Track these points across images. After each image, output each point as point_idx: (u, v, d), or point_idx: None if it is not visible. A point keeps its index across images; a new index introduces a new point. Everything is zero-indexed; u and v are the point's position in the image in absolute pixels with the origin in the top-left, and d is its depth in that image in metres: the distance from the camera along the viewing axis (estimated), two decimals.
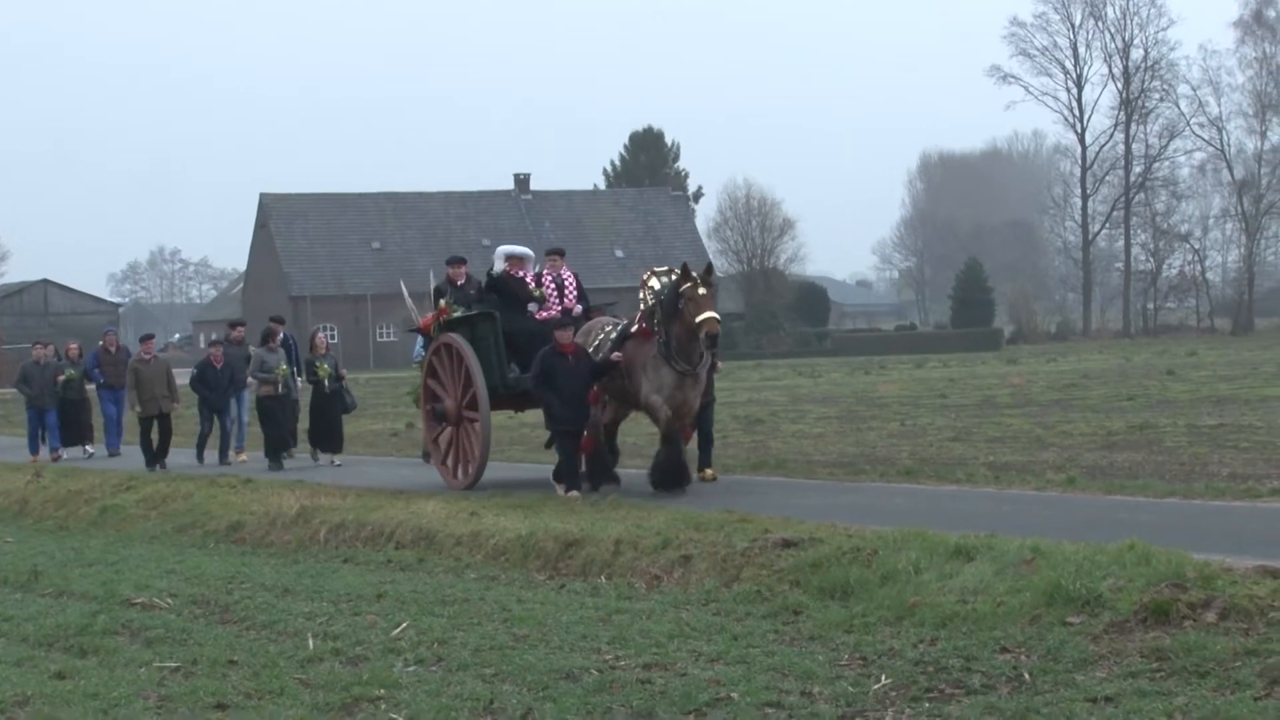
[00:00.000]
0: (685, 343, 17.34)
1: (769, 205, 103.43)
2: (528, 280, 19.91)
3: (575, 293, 19.96)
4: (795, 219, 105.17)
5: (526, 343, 19.14)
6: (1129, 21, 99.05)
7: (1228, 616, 9.78)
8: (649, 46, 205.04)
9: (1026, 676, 9.34)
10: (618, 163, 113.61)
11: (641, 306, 18.02)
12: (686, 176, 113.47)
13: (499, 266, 20.19)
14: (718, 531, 14.00)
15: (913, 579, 11.77)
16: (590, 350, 18.17)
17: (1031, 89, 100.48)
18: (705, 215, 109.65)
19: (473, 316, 19.69)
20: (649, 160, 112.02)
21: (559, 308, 19.56)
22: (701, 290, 17.21)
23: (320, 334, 25.89)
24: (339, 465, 24.48)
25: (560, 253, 20.74)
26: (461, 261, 20.93)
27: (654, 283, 18.00)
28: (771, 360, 79.97)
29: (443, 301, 20.17)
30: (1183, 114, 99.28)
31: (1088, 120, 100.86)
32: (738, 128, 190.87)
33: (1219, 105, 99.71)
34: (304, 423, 25.72)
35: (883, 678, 9.55)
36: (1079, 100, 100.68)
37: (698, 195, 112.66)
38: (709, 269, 17.87)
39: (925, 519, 14.30)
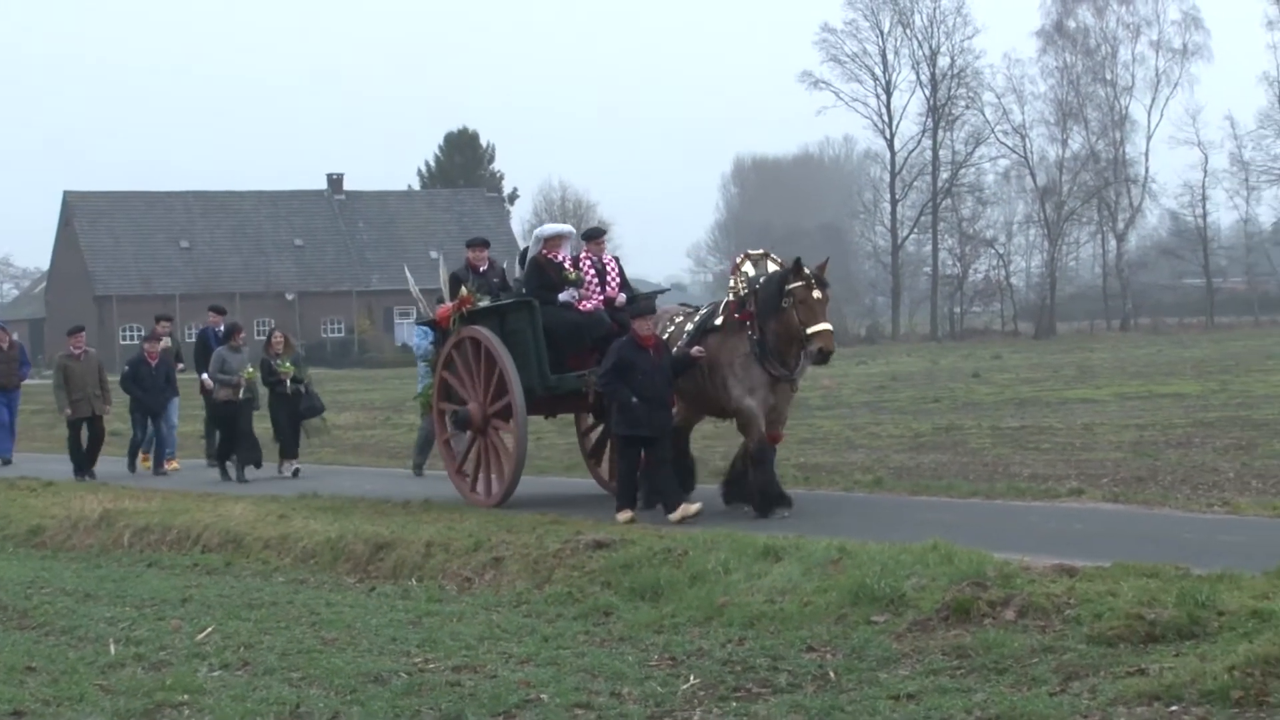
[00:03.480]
0: (784, 346, 14.99)
1: (584, 207, 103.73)
2: (565, 264, 17.12)
3: (617, 280, 17.24)
4: (610, 221, 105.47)
5: (565, 337, 16.64)
6: (936, 30, 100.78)
7: (1026, 614, 10.01)
8: (464, 47, 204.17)
9: (832, 675, 9.47)
10: (432, 164, 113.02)
11: (730, 295, 15.51)
12: (502, 178, 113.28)
13: (535, 249, 17.37)
14: (530, 533, 14.01)
15: (722, 579, 11.87)
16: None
17: (842, 95, 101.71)
18: (521, 217, 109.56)
19: (504, 306, 16.97)
20: (464, 161, 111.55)
21: (600, 297, 16.93)
22: (816, 293, 14.75)
23: (278, 331, 23.26)
24: (298, 473, 21.96)
25: (601, 234, 18.13)
26: (484, 244, 18.39)
27: (749, 268, 15.51)
28: None
29: (464, 289, 17.26)
30: (988, 121, 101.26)
31: (896, 126, 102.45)
32: (554, 130, 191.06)
33: (1022, 113, 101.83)
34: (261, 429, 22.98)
35: (691, 677, 9.61)
36: (888, 107, 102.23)
37: (513, 197, 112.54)
38: (824, 266, 15.18)
39: (733, 520, 14.47)
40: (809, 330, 14.60)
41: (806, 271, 14.82)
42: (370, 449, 27.55)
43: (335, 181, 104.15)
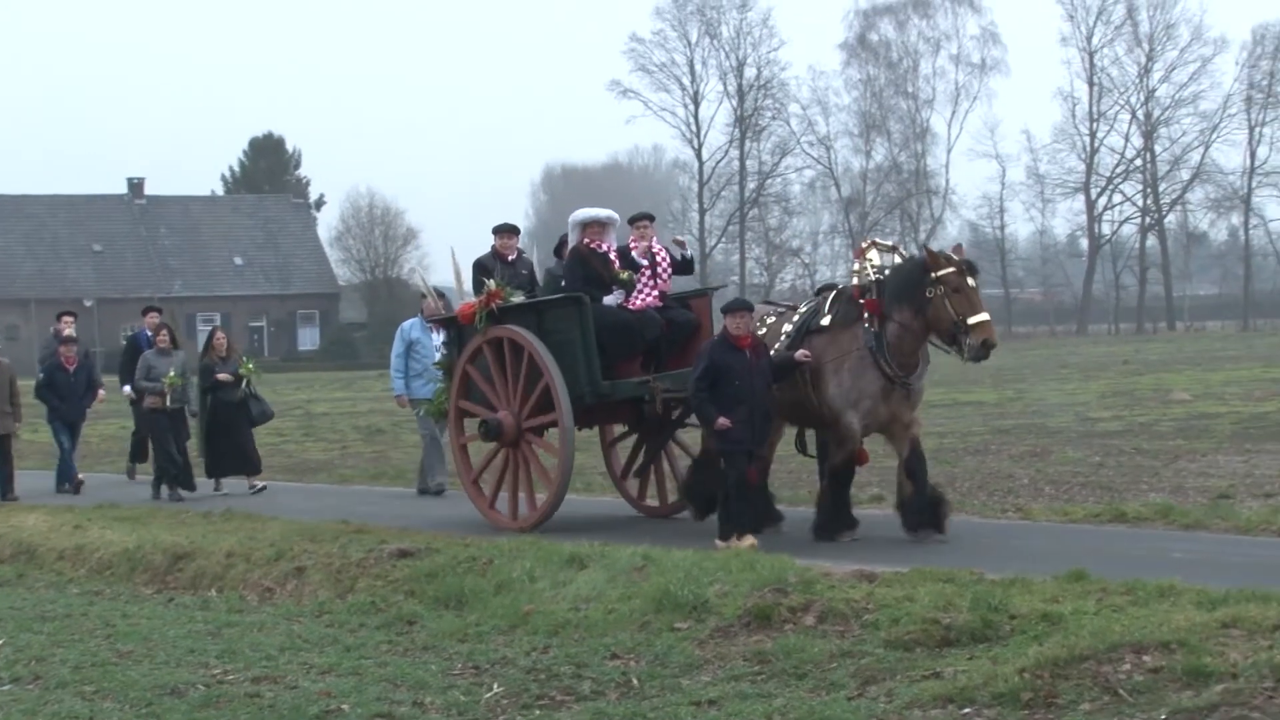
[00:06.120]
0: (908, 343, 13.25)
1: (392, 214, 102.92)
2: (611, 255, 15.01)
3: (669, 271, 15.26)
4: (419, 229, 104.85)
5: (613, 338, 14.67)
6: (743, 41, 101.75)
7: (825, 619, 10.16)
8: (270, 49, 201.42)
9: (635, 682, 9.51)
10: (237, 169, 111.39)
11: (855, 281, 13.65)
12: (308, 184, 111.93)
13: (574, 237, 15.21)
14: (332, 542, 13.88)
15: (527, 587, 11.87)
16: None
17: (650, 104, 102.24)
18: (328, 224, 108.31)
19: (542, 303, 14.96)
20: (269, 166, 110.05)
21: (654, 293, 15.06)
22: (971, 281, 13.11)
23: (220, 332, 20.72)
24: (261, 489, 19.60)
25: (649, 218, 15.59)
26: (513, 231, 16.18)
27: (875, 255, 13.81)
28: None
29: (491, 283, 15.04)
30: (794, 132, 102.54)
31: (704, 136, 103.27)
32: (362, 135, 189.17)
33: (827, 125, 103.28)
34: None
35: (495, 686, 9.60)
36: (696, 117, 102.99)
37: (320, 203, 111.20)
38: (961, 249, 13.63)
39: (544, 528, 14.46)
40: (970, 321, 12.89)
41: (956, 259, 13.18)
42: None
43: (136, 186, 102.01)
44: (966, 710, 8.37)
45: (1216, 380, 37.39)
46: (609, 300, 14.76)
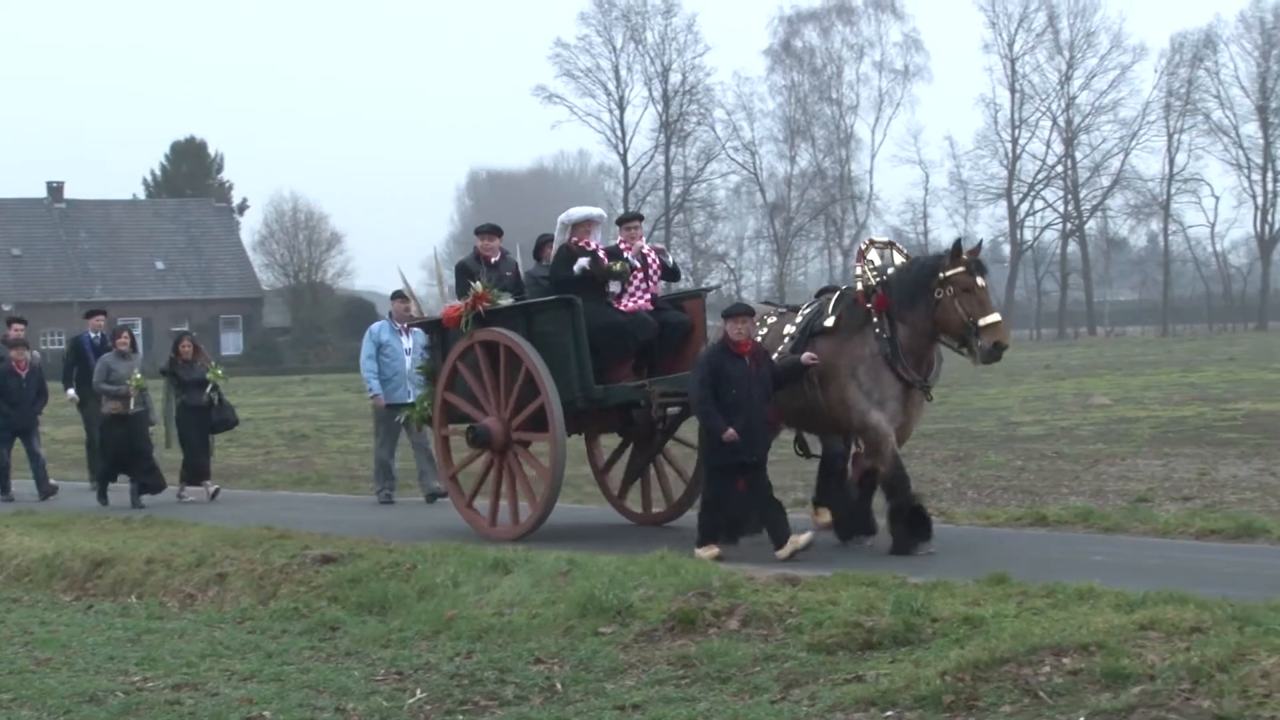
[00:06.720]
0: (922, 343, 12.82)
1: (316, 218, 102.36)
2: (600, 253, 14.52)
3: (659, 273, 14.86)
4: (343, 233, 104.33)
5: (605, 341, 14.21)
6: (668, 47, 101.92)
7: (749, 623, 10.19)
8: (192, 52, 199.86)
9: (559, 686, 9.51)
10: (158, 172, 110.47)
11: (860, 285, 13.08)
12: (231, 188, 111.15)
13: (561, 238, 14.79)
14: (255, 548, 13.78)
15: (451, 592, 11.84)
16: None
17: (576, 109, 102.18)
18: (251, 228, 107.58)
19: (531, 305, 14.52)
20: (191, 170, 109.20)
21: (646, 295, 14.65)
22: (980, 280, 12.68)
23: (187, 337, 20.02)
24: (217, 494, 19.25)
25: (639, 218, 15.29)
26: (496, 232, 15.60)
27: (875, 255, 13.27)
28: (319, 375, 78.93)
29: (477, 284, 14.60)
30: (719, 138, 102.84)
31: (630, 141, 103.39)
32: (286, 139, 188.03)
33: (752, 130, 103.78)
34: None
35: (418, 691, 9.57)
36: (621, 122, 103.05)
37: (243, 207, 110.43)
38: (979, 248, 13.24)
39: (465, 534, 14.43)
40: (981, 322, 12.44)
41: (965, 257, 12.70)
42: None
43: (55, 190, 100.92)
44: (889, 713, 8.42)
45: (1136, 385, 37.79)
46: (613, 288, 14.36)
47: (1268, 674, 7.95)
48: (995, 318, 12.52)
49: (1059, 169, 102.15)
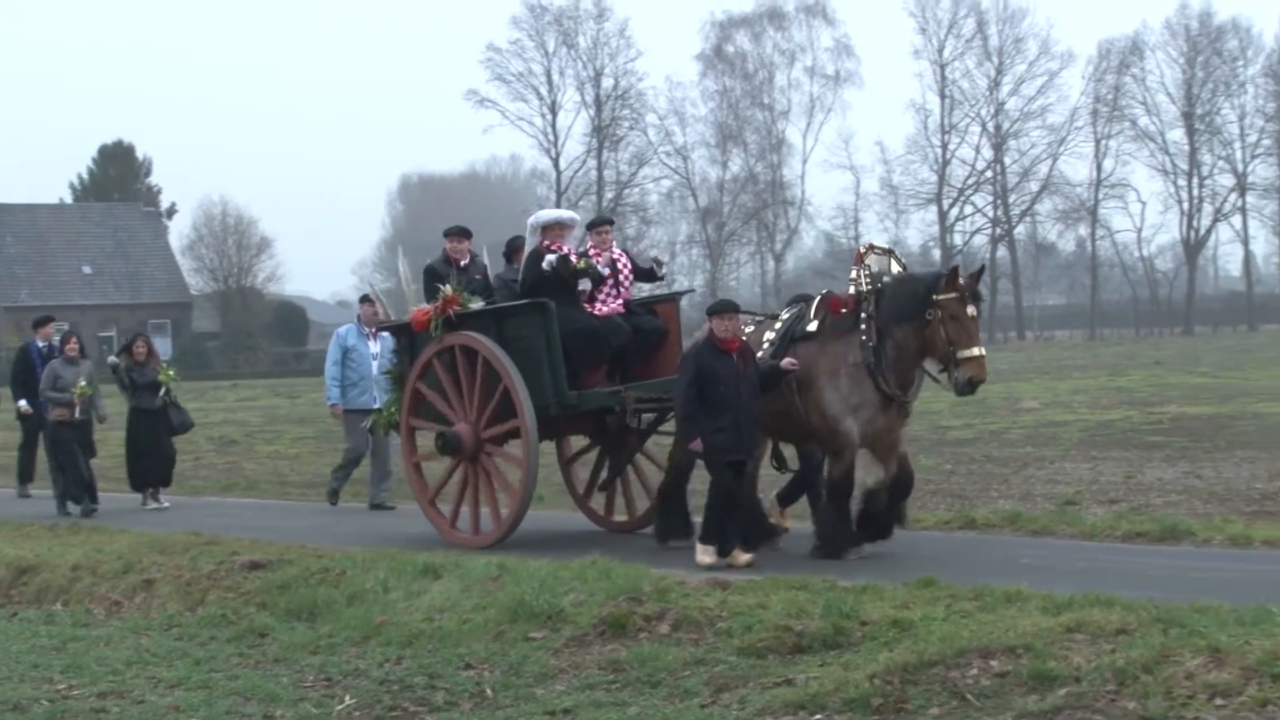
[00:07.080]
0: (907, 361, 12.64)
1: (246, 223, 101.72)
2: (570, 256, 14.31)
3: (630, 279, 14.68)
4: (273, 237, 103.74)
5: (579, 346, 14.02)
6: (600, 51, 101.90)
7: (680, 627, 10.20)
8: (120, 54, 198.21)
9: (489, 692, 9.49)
10: (86, 177, 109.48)
11: (853, 288, 12.92)
12: (160, 192, 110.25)
13: (532, 241, 14.56)
14: (183, 555, 13.69)
15: (381, 598, 11.79)
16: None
17: (508, 114, 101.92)
18: (180, 232, 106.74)
19: (503, 309, 14.27)
20: (119, 174, 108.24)
21: (618, 300, 14.48)
22: (970, 310, 12.34)
23: (141, 338, 19.21)
24: (165, 506, 18.55)
25: (609, 223, 15.15)
26: (465, 234, 15.26)
27: (872, 261, 13.01)
28: (249, 380, 78.58)
29: (447, 288, 14.32)
30: (651, 143, 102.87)
31: (562, 146, 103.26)
32: (215, 143, 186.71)
33: (684, 135, 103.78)
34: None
35: (347, 698, 9.53)
36: (554, 126, 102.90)
37: (171, 212, 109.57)
38: (979, 276, 12.78)
39: (396, 539, 14.36)
40: (961, 354, 12.20)
41: (962, 283, 12.41)
42: None
43: None
44: (818, 716, 8.45)
45: (1064, 389, 38.05)
46: (583, 285, 14.18)
47: (1192, 675, 8.03)
48: (977, 351, 12.25)
49: (988, 174, 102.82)
